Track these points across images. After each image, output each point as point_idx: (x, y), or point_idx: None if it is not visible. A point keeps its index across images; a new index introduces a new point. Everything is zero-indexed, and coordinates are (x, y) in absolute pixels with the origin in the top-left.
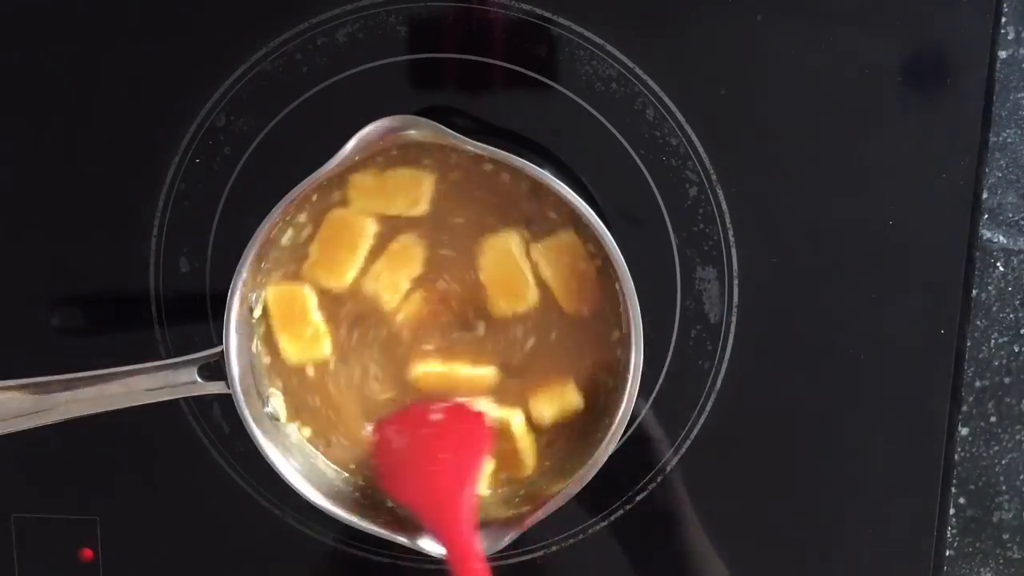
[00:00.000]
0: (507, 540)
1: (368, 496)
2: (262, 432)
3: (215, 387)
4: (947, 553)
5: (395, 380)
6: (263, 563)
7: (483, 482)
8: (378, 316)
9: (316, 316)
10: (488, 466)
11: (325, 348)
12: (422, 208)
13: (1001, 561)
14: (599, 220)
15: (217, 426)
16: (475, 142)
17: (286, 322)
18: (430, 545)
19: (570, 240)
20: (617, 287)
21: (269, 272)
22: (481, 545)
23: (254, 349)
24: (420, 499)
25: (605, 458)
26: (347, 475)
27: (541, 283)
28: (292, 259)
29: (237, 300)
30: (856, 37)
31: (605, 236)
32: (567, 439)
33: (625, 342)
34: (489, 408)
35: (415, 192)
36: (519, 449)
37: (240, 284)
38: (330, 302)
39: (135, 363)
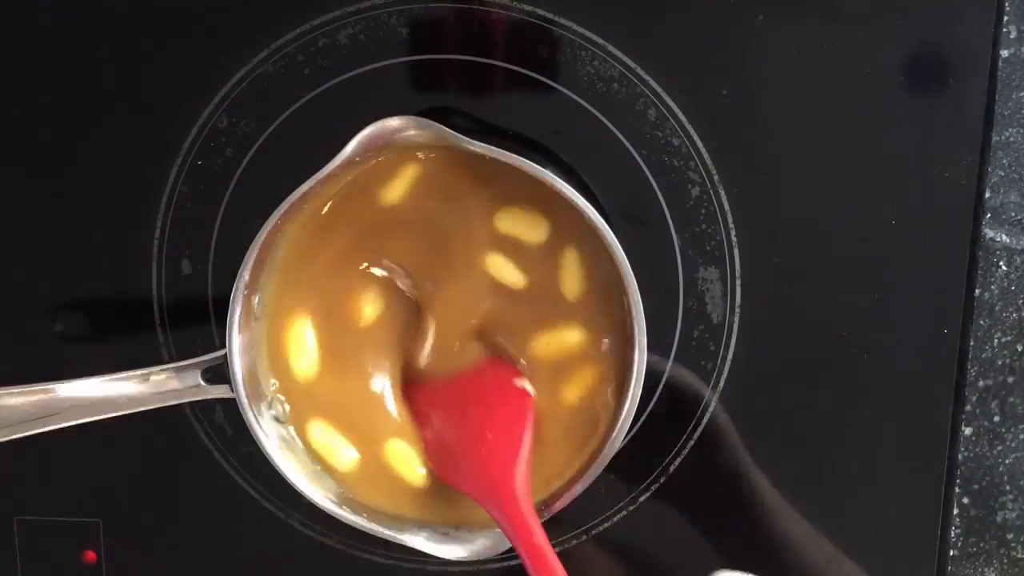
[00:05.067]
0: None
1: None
2: (266, 435)
3: (219, 391)
4: (951, 553)
5: None
6: (266, 565)
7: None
8: None
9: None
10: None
11: None
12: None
13: (1005, 561)
14: (602, 219)
15: (220, 428)
16: (477, 142)
17: None
18: (431, 545)
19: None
20: (620, 287)
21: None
22: (538, 522)
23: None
24: (474, 484)
25: (609, 457)
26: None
27: None
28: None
29: (240, 303)
30: (858, 37)
31: (608, 235)
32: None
33: (628, 343)
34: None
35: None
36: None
37: (242, 287)
38: None
39: (137, 364)
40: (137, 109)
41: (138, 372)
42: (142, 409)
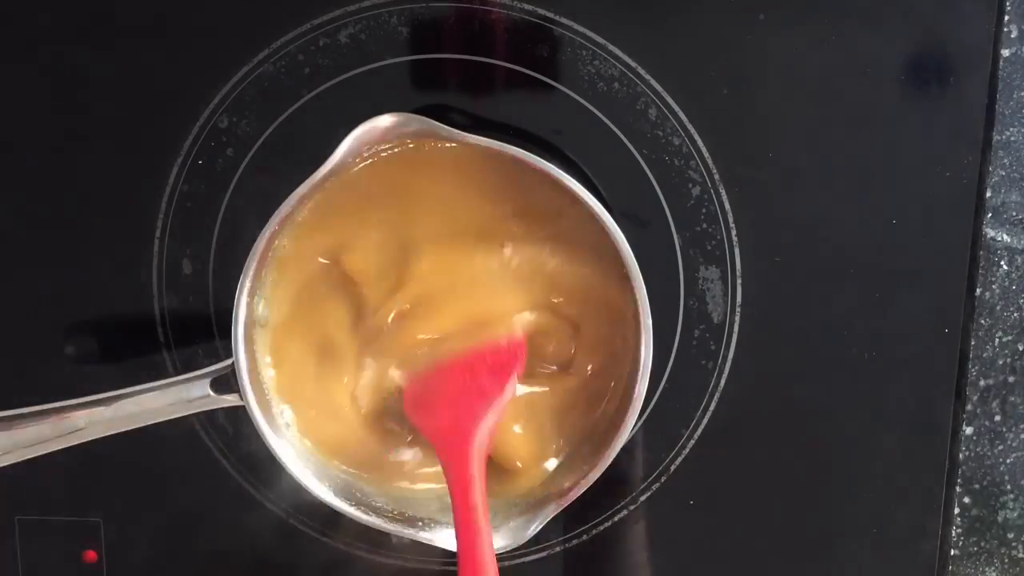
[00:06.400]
0: (531, 532)
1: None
2: (282, 440)
3: (229, 400)
4: (952, 552)
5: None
6: (267, 565)
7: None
8: None
9: None
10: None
11: None
12: None
13: (1006, 560)
14: (605, 211)
15: (220, 427)
16: (469, 135)
17: None
18: (438, 537)
19: None
20: (626, 281)
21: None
22: (483, 479)
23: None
24: (435, 426)
25: (615, 453)
26: (355, 475)
27: None
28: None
29: (243, 310)
30: (859, 36)
31: (613, 228)
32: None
33: (635, 335)
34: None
35: None
36: None
37: (245, 293)
38: None
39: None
40: (138, 109)
41: (149, 386)
42: (156, 422)
